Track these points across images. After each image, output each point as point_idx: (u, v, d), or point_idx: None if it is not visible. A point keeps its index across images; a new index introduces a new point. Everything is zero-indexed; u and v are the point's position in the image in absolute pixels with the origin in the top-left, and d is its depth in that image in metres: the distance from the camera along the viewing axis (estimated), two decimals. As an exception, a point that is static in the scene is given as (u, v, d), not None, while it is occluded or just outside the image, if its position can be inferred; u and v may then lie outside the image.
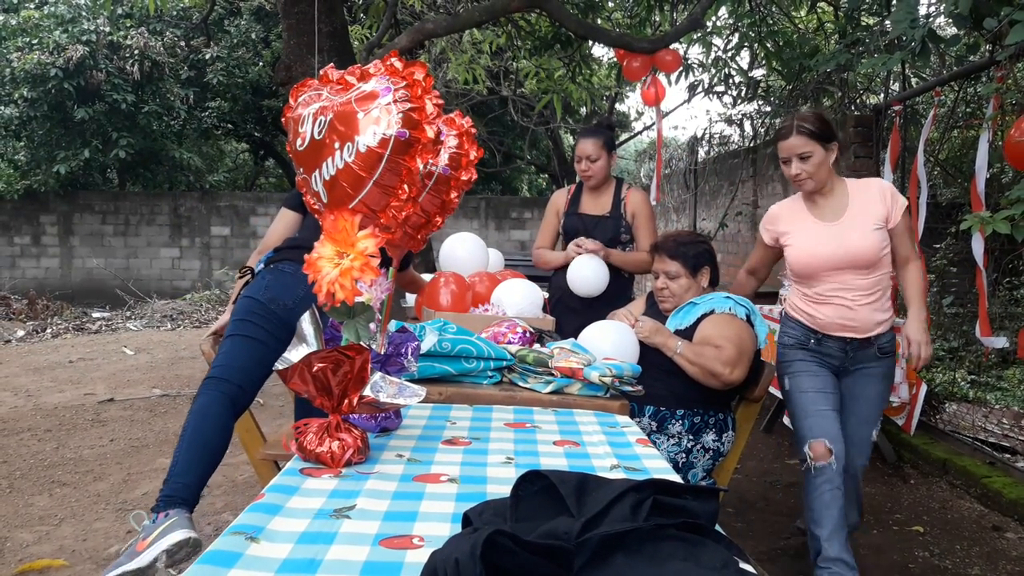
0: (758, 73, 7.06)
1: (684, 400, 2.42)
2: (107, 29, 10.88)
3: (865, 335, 2.51)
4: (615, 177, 3.27)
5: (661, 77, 5.27)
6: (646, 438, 1.61)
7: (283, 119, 1.51)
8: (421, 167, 1.38)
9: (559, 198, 3.36)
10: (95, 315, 9.89)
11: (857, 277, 2.46)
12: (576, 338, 2.28)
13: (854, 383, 2.57)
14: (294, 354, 1.40)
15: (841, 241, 2.45)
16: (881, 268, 2.48)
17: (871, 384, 2.56)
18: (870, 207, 2.45)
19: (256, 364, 2.13)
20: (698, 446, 2.44)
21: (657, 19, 6.36)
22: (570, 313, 3.01)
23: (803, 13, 6.91)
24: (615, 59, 6.12)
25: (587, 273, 2.99)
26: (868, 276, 2.47)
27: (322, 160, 1.38)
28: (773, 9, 6.37)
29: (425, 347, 1.87)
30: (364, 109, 1.34)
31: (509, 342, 2.23)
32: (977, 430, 4.67)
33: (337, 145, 1.35)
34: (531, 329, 2.37)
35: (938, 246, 5.64)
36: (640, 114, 15.56)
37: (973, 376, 5.71)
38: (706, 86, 6.90)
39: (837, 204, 2.49)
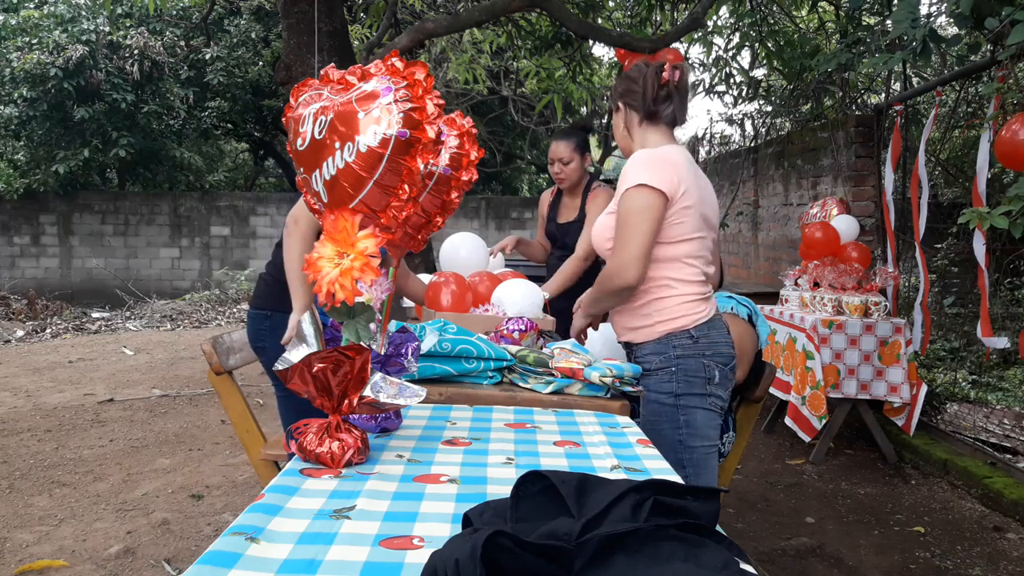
0: (759, 73, 7.07)
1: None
2: (107, 29, 10.88)
3: (619, 340, 2.11)
4: (589, 173, 3.22)
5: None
6: (647, 438, 1.60)
7: (283, 119, 1.51)
8: (422, 167, 1.37)
9: (543, 201, 3.35)
10: (95, 315, 9.89)
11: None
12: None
13: None
14: (294, 354, 1.40)
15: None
16: None
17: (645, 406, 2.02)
18: (620, 187, 2.01)
19: None
20: (699, 446, 2.43)
21: (658, 18, 6.35)
22: (570, 314, 3.01)
23: (804, 13, 6.91)
24: (616, 59, 6.12)
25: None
26: None
27: (322, 160, 1.38)
28: (774, 8, 6.36)
29: (425, 347, 1.87)
30: (365, 109, 1.34)
31: (512, 331, 2.25)
32: (978, 430, 4.67)
33: (338, 145, 1.35)
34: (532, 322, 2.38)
35: (939, 246, 5.64)
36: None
37: (974, 376, 5.71)
38: (707, 86, 6.90)
39: None
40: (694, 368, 1.97)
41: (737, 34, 6.29)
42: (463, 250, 3.18)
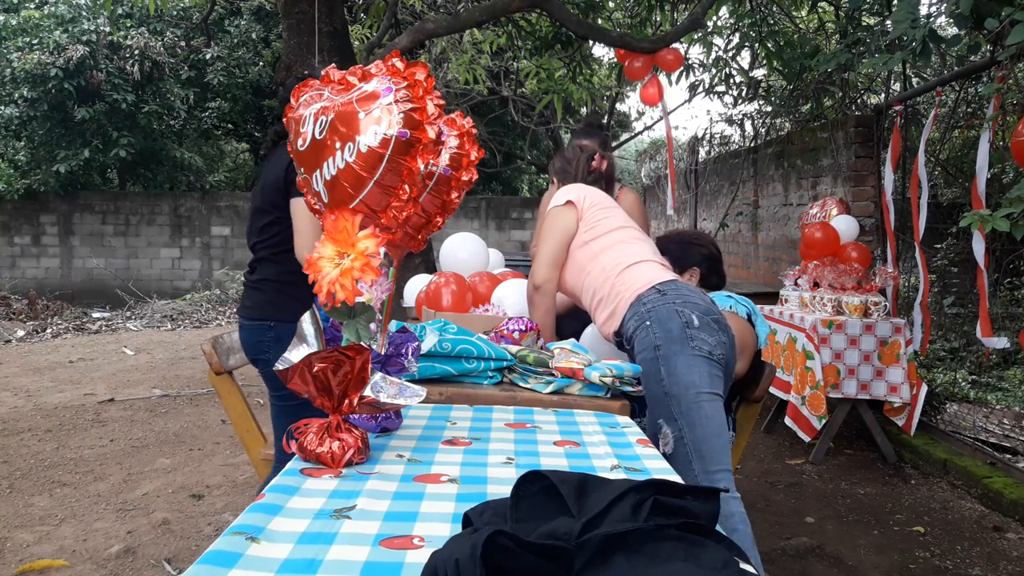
0: (759, 73, 7.07)
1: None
2: (107, 29, 10.88)
3: (611, 337, 2.26)
4: None
5: (661, 76, 5.27)
6: (647, 438, 1.60)
7: (284, 119, 1.51)
8: (422, 167, 1.38)
9: (545, 201, 3.31)
10: (95, 315, 9.89)
11: None
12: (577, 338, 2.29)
13: None
14: (294, 354, 1.40)
15: None
16: (580, 272, 2.26)
17: None
18: None
19: None
20: (699, 446, 2.43)
21: (658, 19, 6.35)
22: (571, 314, 3.01)
23: (804, 13, 6.91)
24: (616, 59, 6.12)
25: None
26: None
27: (323, 160, 1.38)
28: (774, 9, 6.37)
29: (425, 347, 1.87)
30: (365, 109, 1.34)
31: (512, 331, 2.25)
32: (978, 430, 4.67)
33: (338, 145, 1.35)
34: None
35: (939, 246, 5.64)
36: (640, 114, 15.55)
37: (974, 376, 5.71)
38: (707, 86, 6.91)
39: None
40: (667, 315, 2.01)
41: (737, 34, 6.29)
42: (463, 250, 3.18)
